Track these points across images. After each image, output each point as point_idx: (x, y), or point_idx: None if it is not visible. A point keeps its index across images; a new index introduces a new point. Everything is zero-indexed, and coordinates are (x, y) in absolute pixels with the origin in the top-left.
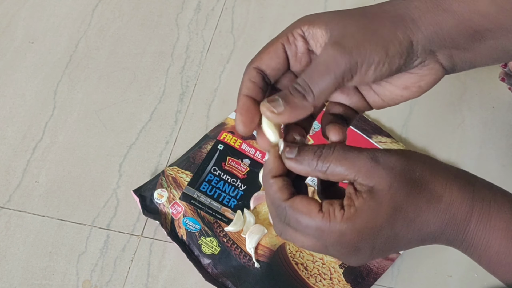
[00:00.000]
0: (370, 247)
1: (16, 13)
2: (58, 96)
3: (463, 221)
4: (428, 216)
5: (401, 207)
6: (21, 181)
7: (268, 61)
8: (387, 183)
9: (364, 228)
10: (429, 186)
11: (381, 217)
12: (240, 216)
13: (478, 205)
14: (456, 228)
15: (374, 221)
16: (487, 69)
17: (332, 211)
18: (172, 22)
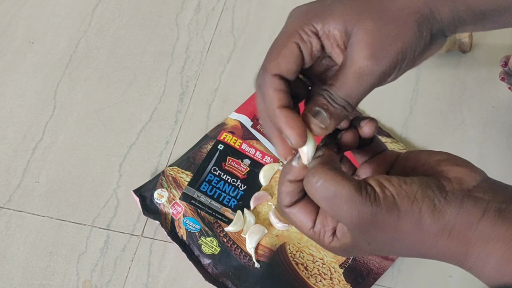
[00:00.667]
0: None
1: (16, 13)
2: (58, 96)
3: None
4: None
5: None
6: (21, 181)
7: (288, 66)
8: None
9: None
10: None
11: (361, 252)
12: (240, 216)
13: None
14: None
15: (355, 253)
16: (487, 69)
17: (322, 235)
18: (172, 22)
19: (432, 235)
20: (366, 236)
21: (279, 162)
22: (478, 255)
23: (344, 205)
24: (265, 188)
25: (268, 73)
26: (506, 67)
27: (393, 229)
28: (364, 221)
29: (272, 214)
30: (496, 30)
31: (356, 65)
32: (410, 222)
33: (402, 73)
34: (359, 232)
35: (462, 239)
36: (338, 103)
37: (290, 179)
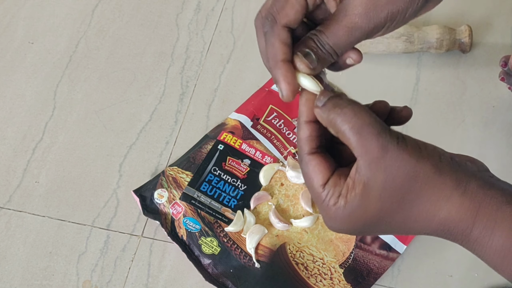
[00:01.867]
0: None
1: (16, 13)
2: (58, 97)
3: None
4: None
5: (386, 216)
6: (21, 181)
7: (295, 16)
8: (381, 185)
9: (347, 220)
10: (425, 200)
11: (364, 218)
12: (240, 216)
13: (480, 224)
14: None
15: (357, 219)
16: (487, 69)
17: (330, 195)
18: (172, 22)
19: (446, 190)
20: (384, 185)
21: (279, 162)
22: (488, 219)
23: (372, 136)
24: (265, 188)
25: (278, 24)
26: (506, 67)
27: (413, 169)
28: (387, 157)
29: (272, 214)
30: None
31: (347, 19)
32: (430, 172)
33: (392, 30)
34: (373, 175)
35: (474, 199)
36: (326, 49)
37: (306, 120)
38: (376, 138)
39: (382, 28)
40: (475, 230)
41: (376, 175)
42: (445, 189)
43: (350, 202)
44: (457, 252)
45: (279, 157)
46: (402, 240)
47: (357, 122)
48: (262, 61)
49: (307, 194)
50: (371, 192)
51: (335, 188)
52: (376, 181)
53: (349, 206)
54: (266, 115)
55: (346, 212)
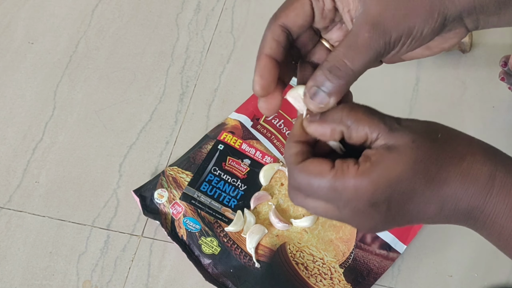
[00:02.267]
0: (386, 204)
1: (16, 13)
2: (58, 97)
3: (485, 185)
4: (449, 174)
5: (422, 160)
6: (21, 182)
7: (295, 18)
8: (410, 138)
9: (380, 178)
10: (453, 146)
11: (400, 167)
12: (240, 216)
13: (501, 170)
14: (477, 192)
15: (392, 171)
16: (487, 69)
17: (346, 167)
18: (172, 22)
19: (466, 139)
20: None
21: (279, 162)
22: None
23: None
24: (265, 188)
25: (275, 21)
26: (506, 67)
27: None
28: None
29: (272, 214)
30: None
31: (361, 33)
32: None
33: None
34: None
35: (489, 168)
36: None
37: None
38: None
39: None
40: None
41: (401, 132)
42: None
43: (377, 160)
44: (457, 252)
45: (279, 157)
46: (402, 240)
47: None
48: None
49: None
50: (400, 145)
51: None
52: (403, 136)
53: (376, 163)
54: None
55: (375, 172)
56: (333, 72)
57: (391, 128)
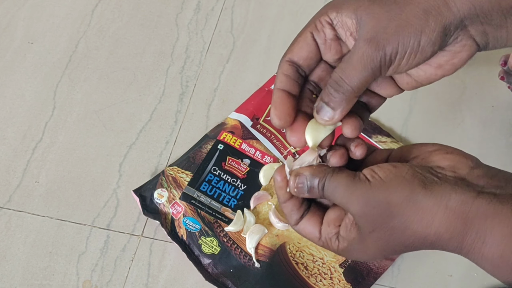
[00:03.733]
0: (372, 257)
1: (16, 13)
2: (58, 97)
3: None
4: (417, 247)
5: (386, 247)
6: (21, 181)
7: (299, 51)
8: (370, 229)
9: (357, 255)
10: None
11: (369, 252)
12: (240, 216)
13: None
14: (449, 250)
15: (364, 254)
16: (486, 68)
17: (329, 241)
18: (172, 22)
19: (428, 210)
20: (366, 219)
21: (279, 161)
22: (477, 231)
23: (344, 192)
24: (265, 188)
25: (283, 58)
26: (506, 67)
27: (386, 204)
28: (361, 202)
29: (272, 213)
30: None
31: (356, 50)
32: (401, 197)
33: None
34: (359, 217)
35: (459, 214)
36: (343, 90)
37: (284, 200)
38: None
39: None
40: (466, 242)
41: (363, 220)
42: (426, 213)
43: (351, 243)
44: None
45: (279, 157)
46: None
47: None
48: None
49: None
50: (365, 232)
51: (329, 235)
52: (365, 225)
53: (351, 246)
54: (266, 114)
55: (352, 250)
56: (334, 88)
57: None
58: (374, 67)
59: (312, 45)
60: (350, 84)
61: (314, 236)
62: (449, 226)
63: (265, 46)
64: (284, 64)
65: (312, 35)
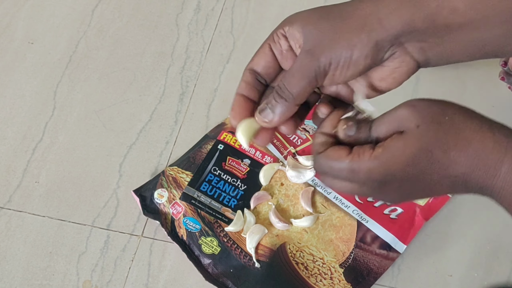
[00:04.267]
0: (397, 183)
1: (16, 13)
2: (58, 97)
3: (492, 168)
4: (455, 158)
5: (426, 147)
6: (21, 182)
7: (258, 61)
8: (415, 124)
9: (389, 164)
10: (459, 130)
11: (407, 152)
12: (240, 216)
13: (510, 155)
14: (484, 174)
15: (400, 156)
16: (487, 68)
17: (361, 152)
18: (172, 22)
19: (476, 118)
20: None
21: (279, 161)
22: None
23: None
24: (265, 188)
25: (246, 68)
26: (506, 67)
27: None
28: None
29: (272, 214)
30: None
31: (297, 61)
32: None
33: (351, 75)
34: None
35: (504, 137)
36: (281, 95)
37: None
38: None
39: (330, 69)
40: (505, 165)
41: (410, 117)
42: (474, 121)
43: (388, 145)
44: (457, 252)
45: (279, 157)
46: (402, 240)
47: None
48: None
49: (307, 193)
50: (409, 129)
51: (362, 148)
52: (410, 124)
53: (387, 147)
54: None
55: (386, 154)
56: (278, 94)
57: (402, 116)
58: (310, 76)
59: (270, 55)
60: (291, 91)
61: (342, 153)
62: (493, 140)
63: None
64: (245, 72)
65: (269, 46)
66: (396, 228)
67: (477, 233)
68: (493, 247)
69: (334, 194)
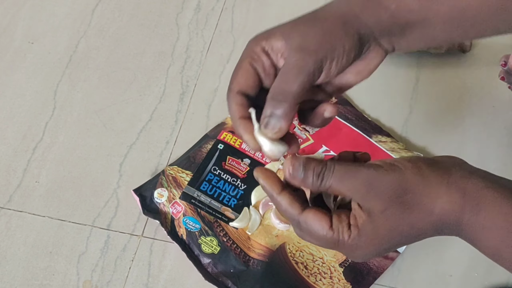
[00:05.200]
0: (375, 254)
1: (16, 13)
2: (58, 96)
3: (456, 225)
4: (423, 228)
5: (396, 227)
6: (22, 181)
7: (246, 82)
8: (381, 208)
9: (367, 245)
10: (420, 204)
11: (380, 237)
12: (246, 213)
13: (468, 208)
14: (450, 231)
15: (374, 241)
16: (487, 68)
17: (341, 231)
18: (172, 22)
19: (434, 184)
20: (379, 197)
21: (279, 161)
22: (472, 206)
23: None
24: None
25: (232, 91)
26: (506, 67)
27: (399, 181)
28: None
29: (273, 214)
30: None
31: (291, 59)
32: (412, 174)
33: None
34: (371, 197)
35: (458, 187)
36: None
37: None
38: (360, 180)
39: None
40: (465, 215)
41: (373, 200)
42: (432, 187)
43: (362, 228)
44: (457, 252)
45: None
46: None
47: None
48: None
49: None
50: (375, 213)
51: (341, 224)
52: (375, 204)
53: (362, 231)
54: None
55: (363, 238)
56: (276, 99)
57: (362, 194)
58: (309, 71)
59: (254, 73)
60: (291, 89)
61: (323, 226)
62: (451, 199)
63: None
64: (235, 96)
65: (251, 65)
66: None
67: None
68: None
69: None
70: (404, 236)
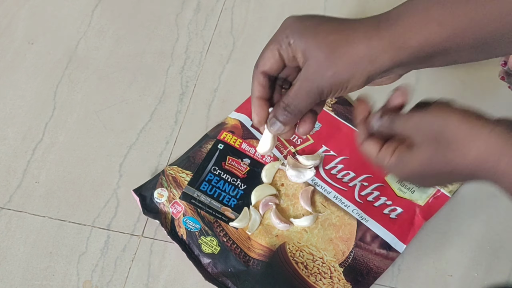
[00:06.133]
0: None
1: (16, 13)
2: (58, 97)
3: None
4: (457, 168)
5: (431, 160)
6: (22, 182)
7: (271, 65)
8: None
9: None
10: (457, 144)
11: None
12: (246, 213)
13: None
14: (486, 177)
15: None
16: (487, 68)
17: (384, 157)
18: (172, 22)
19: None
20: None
21: (279, 161)
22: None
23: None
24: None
25: (258, 69)
26: (506, 67)
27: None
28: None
29: (273, 214)
30: None
31: (298, 83)
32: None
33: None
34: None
35: (500, 137)
36: (290, 111)
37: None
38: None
39: (330, 94)
40: (501, 164)
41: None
42: (474, 131)
43: (400, 154)
44: (457, 252)
45: (279, 156)
46: (402, 240)
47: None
48: None
49: (307, 193)
50: (416, 139)
51: (387, 150)
52: (415, 137)
53: (399, 154)
54: None
55: (400, 158)
56: (286, 109)
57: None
58: (315, 97)
59: (280, 60)
60: (298, 107)
61: (373, 152)
62: (489, 145)
63: None
64: (259, 76)
65: (279, 52)
66: (396, 228)
67: (476, 233)
68: (493, 247)
69: (333, 193)
70: (436, 168)
